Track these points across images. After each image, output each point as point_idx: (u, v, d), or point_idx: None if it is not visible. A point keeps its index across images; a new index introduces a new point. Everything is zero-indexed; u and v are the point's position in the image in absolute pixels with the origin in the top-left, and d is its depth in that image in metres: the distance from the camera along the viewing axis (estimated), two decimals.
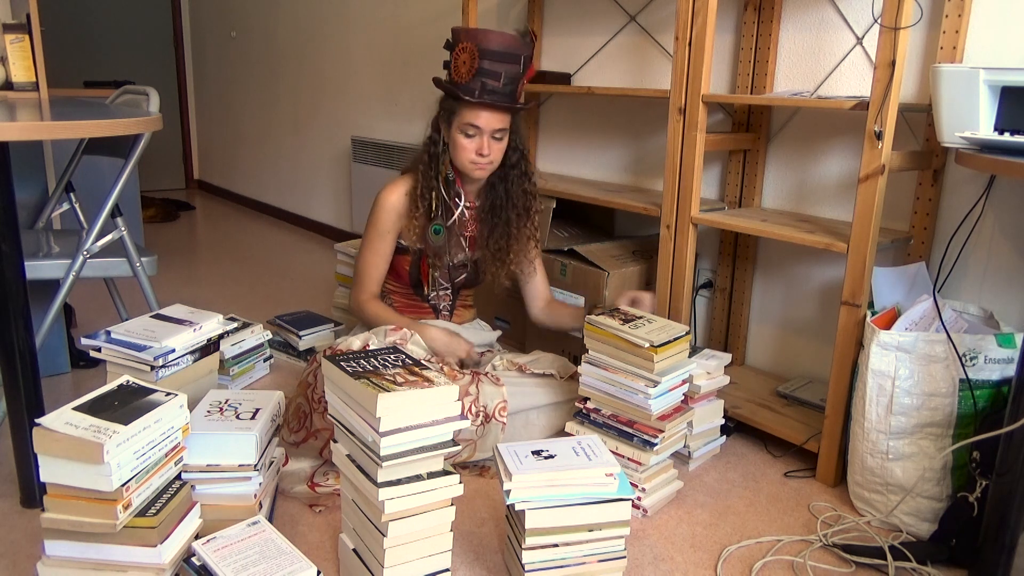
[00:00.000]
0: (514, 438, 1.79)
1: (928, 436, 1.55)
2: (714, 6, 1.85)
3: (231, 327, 2.22)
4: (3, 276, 1.47)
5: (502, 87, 1.80)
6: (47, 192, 2.44)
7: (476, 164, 1.86)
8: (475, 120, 1.82)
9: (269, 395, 1.56)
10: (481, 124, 1.82)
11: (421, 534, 1.26)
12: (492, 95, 1.80)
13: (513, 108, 1.85)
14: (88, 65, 5.26)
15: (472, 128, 1.83)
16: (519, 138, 1.94)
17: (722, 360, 1.86)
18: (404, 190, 1.94)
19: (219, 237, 4.32)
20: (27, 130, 1.35)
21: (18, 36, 2.44)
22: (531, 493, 1.31)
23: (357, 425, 1.24)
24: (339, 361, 1.30)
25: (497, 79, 1.79)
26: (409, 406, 1.20)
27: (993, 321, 1.69)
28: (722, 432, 1.92)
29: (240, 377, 2.23)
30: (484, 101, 1.79)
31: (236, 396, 1.55)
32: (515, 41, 1.80)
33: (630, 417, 1.63)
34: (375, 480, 1.21)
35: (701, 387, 1.79)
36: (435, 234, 1.92)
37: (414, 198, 1.92)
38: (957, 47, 1.70)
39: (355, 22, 3.86)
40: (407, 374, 1.27)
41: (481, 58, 1.78)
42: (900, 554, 1.48)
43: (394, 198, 1.93)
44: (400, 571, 1.26)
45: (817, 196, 2.08)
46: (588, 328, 1.69)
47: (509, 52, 1.79)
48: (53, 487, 1.15)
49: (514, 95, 1.84)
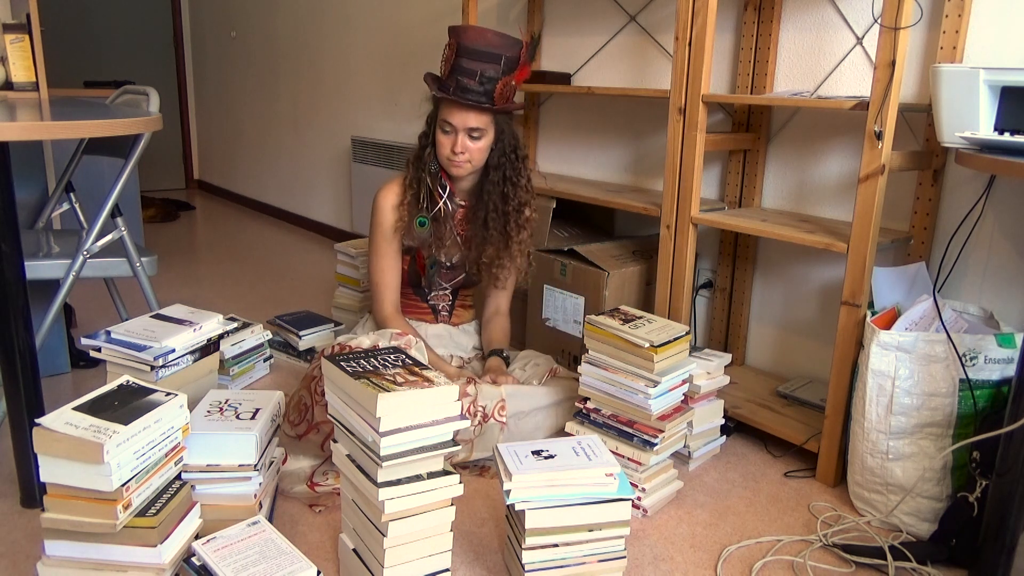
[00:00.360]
0: (523, 439, 1.79)
1: (928, 436, 1.55)
2: (714, 6, 1.85)
3: (231, 327, 2.22)
4: (3, 276, 1.47)
5: (477, 85, 1.80)
6: (47, 192, 2.44)
7: (451, 161, 1.87)
8: (448, 117, 1.83)
9: (269, 395, 1.56)
10: (454, 122, 1.83)
11: (421, 534, 1.26)
12: (464, 93, 1.80)
13: (483, 108, 1.82)
14: (88, 65, 5.26)
15: (447, 125, 1.84)
16: (507, 141, 1.91)
17: (722, 360, 1.86)
18: (398, 184, 1.96)
19: (219, 237, 4.32)
20: (27, 130, 1.35)
21: (18, 36, 2.44)
22: (531, 493, 1.31)
23: (357, 425, 1.24)
24: (339, 361, 1.30)
25: (473, 77, 1.79)
26: (409, 406, 1.20)
27: (993, 321, 1.69)
28: (722, 432, 1.92)
29: (240, 377, 2.23)
30: (453, 98, 1.80)
31: (236, 396, 1.55)
32: (496, 41, 1.79)
33: (630, 417, 1.63)
34: (375, 480, 1.21)
35: (701, 387, 1.79)
36: (420, 226, 1.94)
37: (404, 188, 1.95)
38: (957, 47, 1.70)
39: (355, 22, 3.86)
40: (407, 374, 1.27)
41: (458, 55, 1.79)
42: (900, 554, 1.48)
43: (391, 195, 1.95)
44: (400, 571, 1.26)
45: (817, 196, 2.08)
46: (588, 328, 1.69)
47: (487, 51, 1.78)
48: (53, 487, 1.15)
49: (491, 95, 1.82)
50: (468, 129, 1.83)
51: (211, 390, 1.59)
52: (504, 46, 1.80)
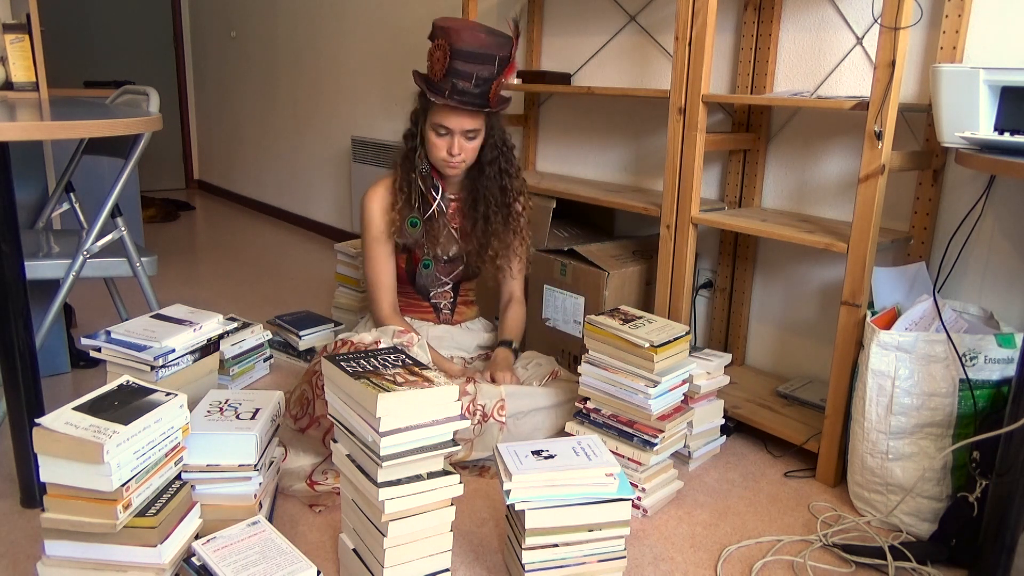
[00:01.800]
0: (522, 439, 1.79)
1: (928, 436, 1.55)
2: (714, 6, 1.85)
3: (231, 327, 2.22)
4: (3, 276, 1.47)
5: (473, 88, 1.79)
6: (47, 192, 2.44)
7: (447, 162, 1.87)
8: (444, 121, 1.82)
9: (269, 395, 1.56)
10: (451, 125, 1.82)
11: (421, 534, 1.26)
12: (462, 96, 1.79)
13: (482, 110, 1.83)
14: (88, 65, 5.26)
15: (442, 128, 1.83)
16: (497, 135, 1.93)
17: (722, 360, 1.86)
18: (385, 187, 1.96)
19: (219, 237, 4.32)
20: (27, 130, 1.35)
21: (18, 36, 2.44)
22: (531, 493, 1.31)
23: (357, 425, 1.24)
24: (339, 361, 1.30)
25: (468, 80, 1.77)
26: (409, 406, 1.20)
27: (993, 321, 1.69)
28: (722, 432, 1.92)
29: (240, 377, 2.23)
30: (451, 103, 1.78)
31: (236, 396, 1.55)
32: (490, 41, 1.78)
33: (630, 417, 1.63)
34: (375, 480, 1.21)
35: (701, 387, 1.79)
36: (411, 227, 1.94)
37: (394, 191, 1.94)
38: (957, 47, 1.70)
39: (355, 22, 3.86)
40: (407, 374, 1.27)
41: (453, 58, 1.76)
42: (900, 554, 1.48)
43: (377, 198, 1.94)
44: (400, 571, 1.26)
45: (817, 196, 2.08)
46: (588, 328, 1.69)
47: (482, 53, 1.77)
48: (53, 487, 1.15)
49: (486, 96, 1.82)
50: (464, 131, 1.84)
51: (211, 390, 1.59)
52: (497, 45, 1.79)
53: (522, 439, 1.77)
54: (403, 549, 1.25)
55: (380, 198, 1.95)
